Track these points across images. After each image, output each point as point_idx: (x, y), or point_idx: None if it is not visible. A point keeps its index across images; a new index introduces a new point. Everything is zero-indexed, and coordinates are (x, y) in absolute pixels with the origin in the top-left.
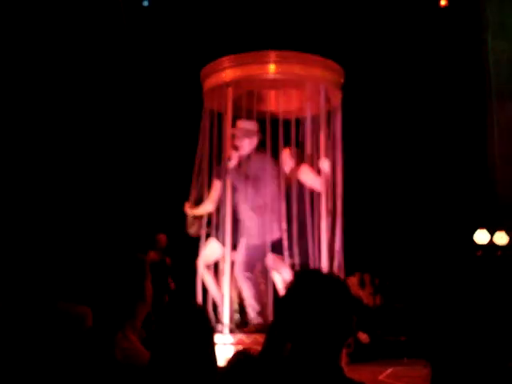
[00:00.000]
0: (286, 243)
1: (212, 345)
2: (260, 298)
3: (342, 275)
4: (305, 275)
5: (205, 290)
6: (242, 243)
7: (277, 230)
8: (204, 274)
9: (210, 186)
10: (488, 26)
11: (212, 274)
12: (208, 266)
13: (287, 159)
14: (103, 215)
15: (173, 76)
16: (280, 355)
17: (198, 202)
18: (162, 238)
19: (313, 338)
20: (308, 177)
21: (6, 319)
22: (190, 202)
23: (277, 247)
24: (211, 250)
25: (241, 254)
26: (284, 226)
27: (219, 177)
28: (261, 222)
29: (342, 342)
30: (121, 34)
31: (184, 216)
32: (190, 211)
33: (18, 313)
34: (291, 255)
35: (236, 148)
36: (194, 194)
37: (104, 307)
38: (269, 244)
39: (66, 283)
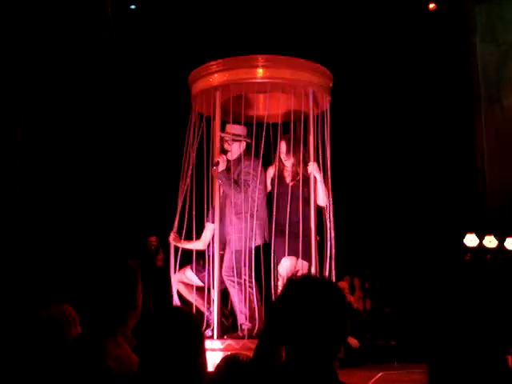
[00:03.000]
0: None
1: (202, 351)
2: (249, 302)
3: (332, 279)
4: (298, 280)
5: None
6: (227, 248)
7: (259, 238)
8: (178, 287)
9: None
10: (476, 29)
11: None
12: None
13: (283, 149)
14: (95, 221)
15: (161, 80)
16: (273, 360)
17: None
18: (153, 239)
19: (307, 343)
20: (317, 174)
21: None
22: (174, 232)
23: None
24: (186, 278)
25: (225, 259)
26: (267, 234)
27: (211, 220)
28: (243, 227)
29: (336, 346)
30: (108, 37)
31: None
32: (175, 242)
33: (9, 321)
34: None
35: (225, 152)
36: (179, 213)
37: (95, 314)
38: (251, 250)
39: (57, 290)
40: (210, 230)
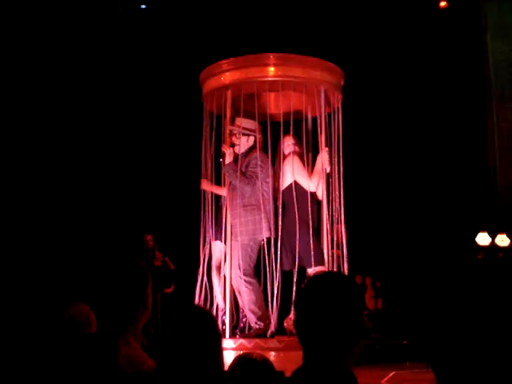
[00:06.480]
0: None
1: (219, 350)
2: (260, 302)
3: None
4: (317, 277)
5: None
6: (234, 245)
7: (266, 230)
8: (214, 277)
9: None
10: (487, 27)
11: (219, 277)
12: (218, 268)
13: (288, 144)
14: (104, 219)
15: (172, 79)
16: None
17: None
18: (149, 238)
19: (325, 341)
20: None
21: (9, 325)
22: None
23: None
24: (217, 250)
25: (234, 257)
26: (273, 226)
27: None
28: (250, 220)
29: (353, 344)
30: (119, 37)
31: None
32: (207, 188)
33: (20, 319)
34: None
35: (233, 145)
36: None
37: (106, 313)
38: (258, 243)
39: (69, 288)
40: (218, 248)
